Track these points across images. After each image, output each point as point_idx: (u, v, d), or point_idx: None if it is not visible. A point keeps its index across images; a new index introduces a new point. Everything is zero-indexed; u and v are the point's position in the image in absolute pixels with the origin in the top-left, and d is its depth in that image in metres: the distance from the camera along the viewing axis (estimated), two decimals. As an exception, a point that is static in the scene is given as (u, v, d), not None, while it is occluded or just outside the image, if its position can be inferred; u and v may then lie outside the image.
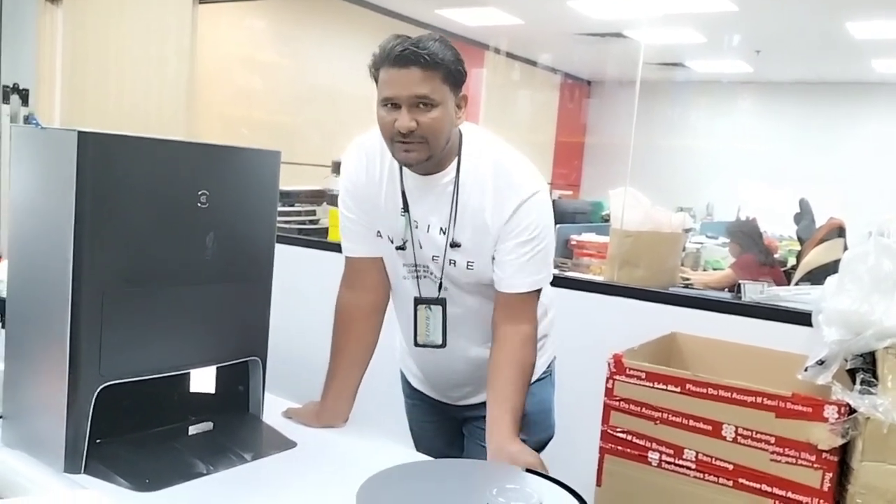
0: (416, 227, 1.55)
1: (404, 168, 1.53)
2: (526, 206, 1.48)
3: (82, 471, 1.31)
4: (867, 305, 1.36)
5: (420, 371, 1.76)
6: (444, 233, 1.53)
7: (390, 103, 1.42)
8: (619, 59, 7.52)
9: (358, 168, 1.60)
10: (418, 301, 1.59)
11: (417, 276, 1.59)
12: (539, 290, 1.55)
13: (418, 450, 1.79)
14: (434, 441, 1.81)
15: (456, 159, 1.52)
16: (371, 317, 1.66)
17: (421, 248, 1.56)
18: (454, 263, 1.54)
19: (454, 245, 1.52)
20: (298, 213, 3.61)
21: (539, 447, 1.62)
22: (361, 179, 1.59)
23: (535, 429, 1.64)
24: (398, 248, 1.58)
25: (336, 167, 3.74)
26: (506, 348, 1.50)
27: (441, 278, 1.56)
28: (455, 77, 1.44)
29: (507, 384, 1.46)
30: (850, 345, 1.38)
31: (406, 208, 1.54)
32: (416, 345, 1.61)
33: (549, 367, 1.75)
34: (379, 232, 1.60)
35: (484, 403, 1.51)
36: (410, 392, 1.84)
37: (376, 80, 1.45)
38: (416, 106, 1.40)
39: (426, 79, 1.39)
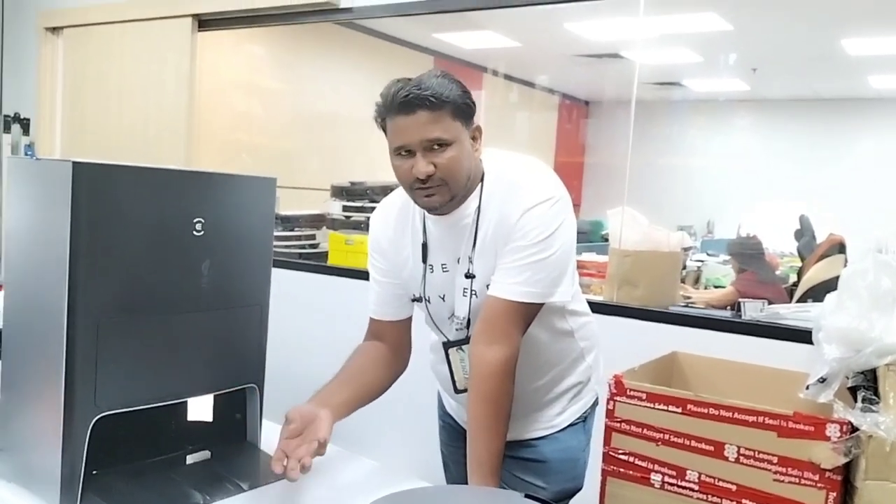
0: (432, 272, 1.50)
1: (426, 216, 1.48)
2: (532, 212, 1.39)
3: (78, 503, 1.30)
4: (867, 322, 1.35)
5: (452, 400, 1.70)
6: (460, 262, 1.47)
7: (403, 151, 1.38)
8: (616, 79, 7.55)
9: (385, 228, 1.56)
10: (447, 345, 1.53)
11: (435, 323, 1.55)
12: (529, 309, 1.42)
13: (446, 471, 1.77)
14: (461, 467, 1.71)
15: (478, 190, 1.46)
16: (388, 364, 1.57)
17: (443, 299, 1.51)
18: (475, 295, 1.47)
19: (469, 276, 1.46)
20: (298, 238, 3.63)
21: (560, 498, 1.57)
22: (388, 237, 1.55)
23: (555, 478, 1.58)
24: (414, 300, 1.54)
25: (335, 191, 3.76)
26: (474, 378, 1.40)
27: (469, 314, 1.48)
28: (464, 111, 1.39)
29: (475, 423, 1.38)
30: (851, 362, 1.37)
31: (424, 258, 1.50)
32: (458, 391, 1.53)
33: (583, 413, 1.65)
34: (414, 295, 1.55)
35: (511, 443, 1.46)
36: (444, 414, 1.77)
37: (384, 130, 1.41)
38: (430, 149, 1.36)
39: (435, 120, 1.34)
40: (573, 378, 1.60)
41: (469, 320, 1.47)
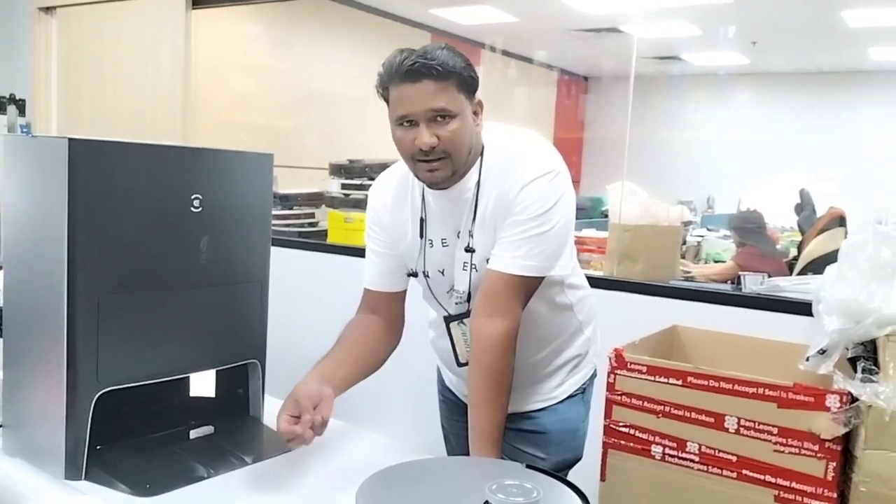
0: (431, 247, 1.49)
1: (426, 190, 1.47)
2: (532, 185, 1.38)
3: (83, 477, 1.31)
4: (866, 293, 1.35)
5: (452, 374, 1.70)
6: (460, 236, 1.46)
7: (406, 121, 1.36)
8: (614, 53, 7.51)
9: (384, 201, 1.55)
10: (449, 319, 1.52)
11: (436, 297, 1.54)
12: (529, 283, 1.42)
13: (446, 444, 1.77)
14: (461, 439, 1.68)
15: (478, 164, 1.45)
16: (385, 339, 1.56)
17: (443, 273, 1.50)
18: (476, 269, 1.46)
19: (468, 250, 1.45)
20: (297, 216, 3.62)
21: (561, 468, 1.57)
22: (388, 209, 1.54)
23: (556, 449, 1.59)
24: (410, 274, 1.53)
25: (334, 169, 3.75)
26: (475, 351, 1.40)
27: (469, 288, 1.47)
28: (468, 84, 1.37)
29: (475, 396, 1.38)
30: (851, 333, 1.37)
31: (422, 233, 1.49)
32: (460, 365, 1.53)
33: (581, 385, 1.65)
34: (410, 269, 1.54)
35: (511, 415, 1.46)
36: (443, 388, 1.78)
37: (386, 100, 1.39)
38: (433, 120, 1.34)
39: (440, 91, 1.33)
40: (572, 351, 1.61)
41: (469, 294, 1.47)
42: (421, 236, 1.49)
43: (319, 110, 5.89)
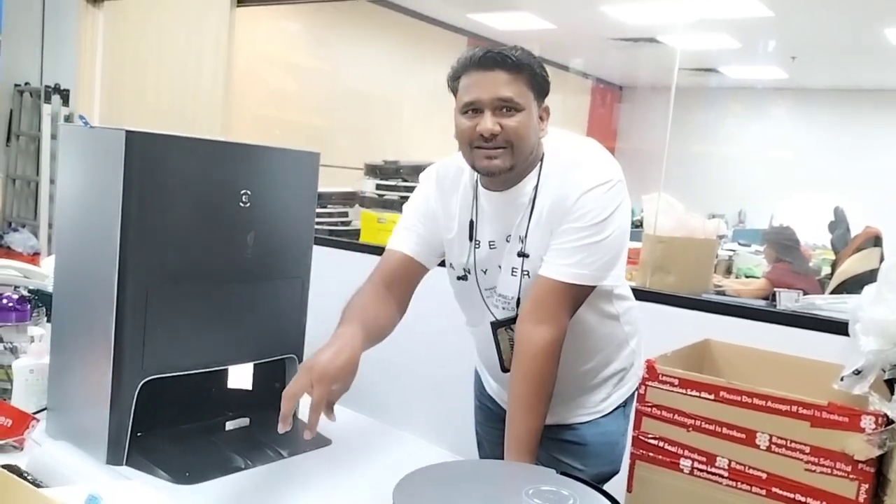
0: (478, 248, 1.49)
1: (479, 190, 1.46)
2: (590, 193, 1.37)
3: (124, 462, 1.35)
4: (906, 316, 1.34)
5: (494, 381, 1.69)
6: (510, 240, 1.45)
7: (471, 109, 1.36)
8: (651, 64, 7.47)
9: (436, 194, 1.53)
10: (496, 325, 1.51)
11: (484, 300, 1.52)
12: (579, 291, 1.40)
13: (479, 449, 1.77)
14: (496, 446, 1.67)
15: (537, 168, 1.43)
16: (393, 324, 1.50)
17: (485, 273, 1.49)
18: (527, 274, 1.44)
19: (522, 254, 1.43)
20: (331, 215, 3.66)
21: (600, 480, 1.56)
22: (436, 203, 1.53)
23: (595, 461, 1.59)
24: (459, 278, 1.52)
25: (369, 169, 3.78)
26: (518, 357, 1.39)
27: (519, 293, 1.46)
28: (539, 84, 1.38)
29: (516, 401, 1.37)
30: (888, 355, 1.36)
31: (471, 235, 1.48)
32: (505, 371, 1.51)
33: (624, 400, 1.63)
34: (457, 269, 1.54)
35: (553, 426, 1.46)
36: (481, 394, 1.76)
37: (455, 92, 1.40)
38: (499, 109, 1.35)
39: (511, 82, 1.34)
40: (617, 364, 1.60)
41: (518, 299, 1.47)
42: (470, 238, 1.49)
43: (354, 110, 5.94)
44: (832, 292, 3.14)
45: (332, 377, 1.22)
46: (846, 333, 1.56)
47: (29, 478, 1.20)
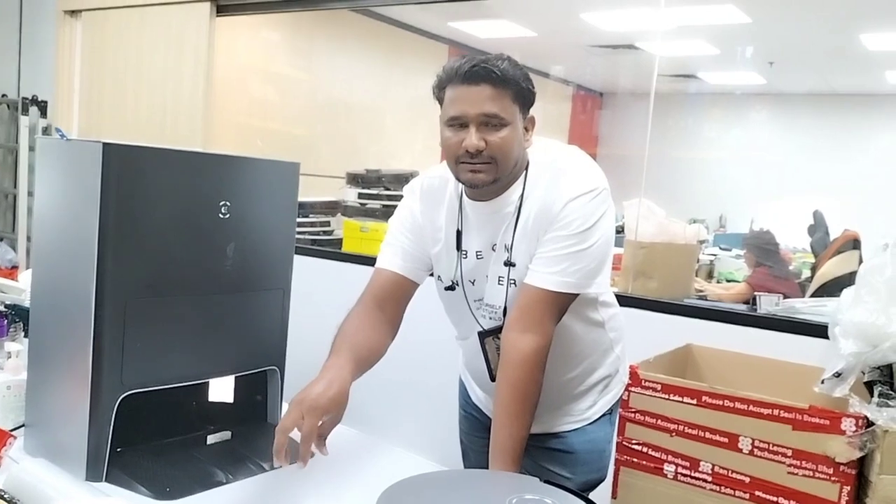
0: (465, 258, 1.48)
1: (464, 200, 1.46)
2: (576, 201, 1.38)
3: (104, 479, 1.33)
4: (884, 318, 1.35)
5: (481, 391, 1.68)
6: (495, 249, 1.45)
7: (457, 123, 1.36)
8: (631, 70, 7.54)
9: (421, 207, 1.53)
10: (483, 334, 1.51)
11: (472, 311, 1.52)
12: (564, 299, 1.41)
13: (464, 459, 1.76)
14: (481, 455, 1.65)
15: (522, 177, 1.43)
16: (386, 345, 1.49)
17: (473, 283, 1.49)
18: (514, 283, 1.44)
19: (508, 264, 1.43)
20: (313, 224, 3.64)
21: (585, 488, 1.57)
22: (422, 217, 1.52)
23: (583, 469, 1.59)
24: (447, 289, 1.51)
25: (351, 178, 3.78)
26: (504, 365, 1.39)
27: (505, 302, 1.46)
28: (525, 97, 1.38)
29: (501, 409, 1.37)
30: (867, 357, 1.37)
31: (459, 245, 1.48)
32: (494, 379, 1.49)
33: (610, 407, 1.64)
34: (445, 280, 1.53)
35: (540, 434, 1.46)
36: (466, 404, 1.76)
37: (440, 102, 1.39)
38: (484, 125, 1.34)
39: (496, 97, 1.34)
40: (603, 370, 1.61)
41: (505, 309, 1.46)
42: (458, 248, 1.48)
43: (336, 119, 5.94)
44: (812, 295, 3.17)
45: (323, 409, 1.23)
46: (826, 336, 1.57)
47: (6, 497, 1.18)
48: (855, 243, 3.45)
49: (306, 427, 1.20)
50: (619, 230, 3.31)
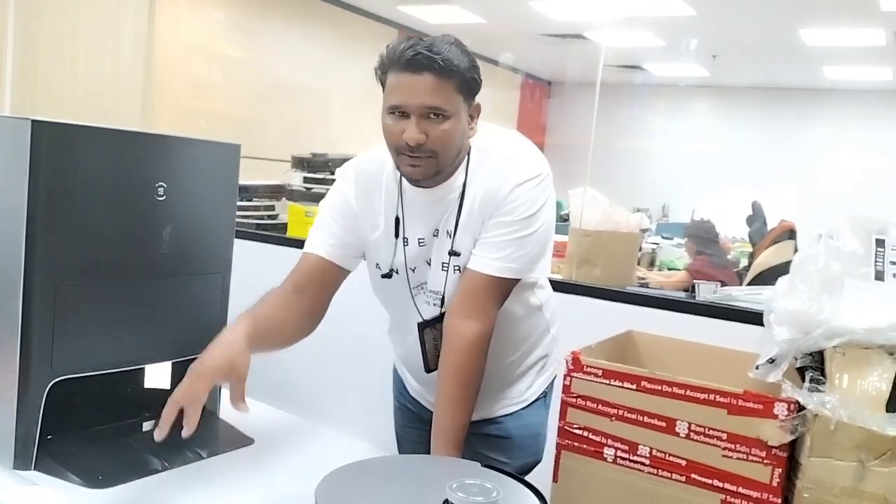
0: (406, 245, 1.45)
1: (405, 185, 1.43)
2: (522, 187, 1.36)
3: (33, 467, 1.29)
4: (816, 306, 1.39)
5: (417, 383, 1.66)
6: (437, 235, 1.43)
7: (398, 111, 1.31)
8: (579, 60, 7.60)
9: (355, 193, 1.48)
10: (423, 325, 1.48)
11: (413, 298, 1.49)
12: (507, 285, 1.40)
13: (399, 450, 1.74)
14: (417, 446, 1.68)
15: (464, 164, 1.40)
16: (302, 331, 1.44)
17: (414, 270, 1.46)
18: (458, 270, 1.42)
19: (453, 253, 1.41)
20: (257, 208, 3.58)
21: (523, 471, 1.57)
22: (356, 203, 1.48)
23: (519, 453, 1.60)
24: (384, 276, 1.48)
25: (296, 162, 3.72)
26: (447, 351, 1.38)
27: (444, 289, 1.44)
28: (470, 86, 1.32)
29: (443, 395, 1.37)
30: (800, 344, 1.41)
31: (397, 233, 1.45)
32: (430, 370, 1.49)
33: (544, 390, 1.65)
34: (381, 268, 1.49)
35: (478, 421, 1.46)
36: (401, 395, 1.74)
37: (383, 85, 1.34)
38: (426, 116, 1.29)
39: (439, 88, 1.28)
40: (540, 350, 1.62)
41: (443, 296, 1.45)
42: (396, 235, 1.46)
43: (282, 102, 5.85)
44: (749, 284, 3.26)
45: (210, 375, 1.24)
46: (762, 324, 1.62)
47: (-74, 487, 1.13)
48: (791, 233, 3.55)
49: (193, 392, 1.21)
50: (565, 218, 3.35)
